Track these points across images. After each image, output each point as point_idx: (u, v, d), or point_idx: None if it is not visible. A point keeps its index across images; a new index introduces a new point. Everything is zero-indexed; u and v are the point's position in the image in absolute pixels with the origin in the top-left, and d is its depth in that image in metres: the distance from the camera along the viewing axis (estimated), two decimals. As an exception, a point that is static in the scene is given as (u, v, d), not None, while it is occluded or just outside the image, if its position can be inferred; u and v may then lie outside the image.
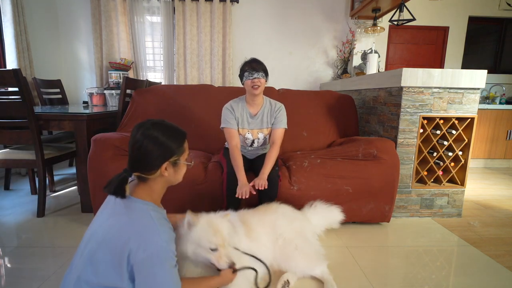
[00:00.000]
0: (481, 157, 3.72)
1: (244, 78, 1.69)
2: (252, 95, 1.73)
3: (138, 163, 0.98)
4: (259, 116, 1.80)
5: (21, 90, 1.81)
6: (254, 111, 1.80)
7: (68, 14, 3.65)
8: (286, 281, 1.30)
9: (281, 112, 1.81)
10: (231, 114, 1.77)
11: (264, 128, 1.82)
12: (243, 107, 1.79)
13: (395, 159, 1.86)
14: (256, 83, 1.67)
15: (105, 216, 0.97)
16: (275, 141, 1.76)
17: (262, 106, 1.81)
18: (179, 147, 1.03)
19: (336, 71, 3.97)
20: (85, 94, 3.69)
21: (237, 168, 1.65)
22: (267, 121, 1.81)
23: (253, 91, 1.69)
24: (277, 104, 1.83)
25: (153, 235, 0.89)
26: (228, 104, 1.81)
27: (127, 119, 2.30)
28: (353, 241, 1.78)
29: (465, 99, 2.03)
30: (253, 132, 1.81)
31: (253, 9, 3.80)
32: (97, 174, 1.75)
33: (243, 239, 1.30)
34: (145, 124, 1.00)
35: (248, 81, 1.68)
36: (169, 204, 1.78)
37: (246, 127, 1.81)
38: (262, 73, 1.68)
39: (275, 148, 1.73)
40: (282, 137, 1.79)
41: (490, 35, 4.23)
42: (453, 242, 1.80)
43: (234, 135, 1.75)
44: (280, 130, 1.78)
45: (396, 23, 3.08)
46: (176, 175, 1.08)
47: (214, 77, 3.74)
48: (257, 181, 1.58)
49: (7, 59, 2.91)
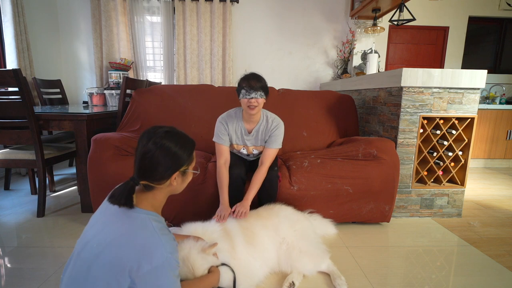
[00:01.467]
0: (481, 157, 3.72)
1: (240, 95, 1.55)
2: (248, 114, 1.60)
3: (148, 172, 0.95)
4: (254, 134, 1.69)
5: (21, 90, 1.81)
6: (249, 127, 1.68)
7: (68, 14, 3.66)
8: (291, 283, 1.31)
9: (276, 132, 1.66)
10: (225, 130, 1.66)
11: (259, 145, 1.73)
12: (239, 122, 1.67)
13: (395, 159, 1.86)
14: (253, 104, 1.52)
15: (101, 226, 0.92)
16: (264, 161, 1.63)
17: (258, 123, 1.67)
18: (189, 156, 1.02)
19: (336, 71, 3.97)
20: (85, 94, 3.69)
21: (221, 188, 1.57)
22: (261, 139, 1.70)
23: (250, 111, 1.55)
24: (274, 122, 1.68)
25: (157, 248, 0.86)
26: (223, 117, 1.68)
27: (127, 119, 2.30)
28: (353, 241, 1.78)
29: (465, 99, 2.03)
30: (247, 148, 1.74)
31: (253, 9, 3.80)
32: (97, 174, 1.74)
33: (240, 248, 1.30)
34: (157, 132, 0.96)
35: (245, 100, 1.53)
36: (169, 204, 1.78)
37: (240, 143, 1.72)
38: (261, 92, 1.52)
39: (263, 170, 1.61)
40: (273, 157, 1.66)
41: (490, 35, 4.23)
42: (453, 242, 1.80)
43: (223, 152, 1.65)
44: (272, 151, 1.65)
45: (396, 23, 3.08)
46: (183, 183, 1.07)
47: (214, 77, 3.74)
48: (238, 208, 1.49)
49: (7, 59, 2.91)
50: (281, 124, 1.69)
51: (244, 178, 1.71)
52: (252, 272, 1.30)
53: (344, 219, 1.90)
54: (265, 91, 1.56)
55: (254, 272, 1.31)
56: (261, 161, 1.65)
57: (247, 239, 1.38)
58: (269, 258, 1.39)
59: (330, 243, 1.73)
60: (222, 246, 1.24)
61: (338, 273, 1.38)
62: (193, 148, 1.05)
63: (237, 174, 1.66)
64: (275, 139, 1.66)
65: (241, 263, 1.26)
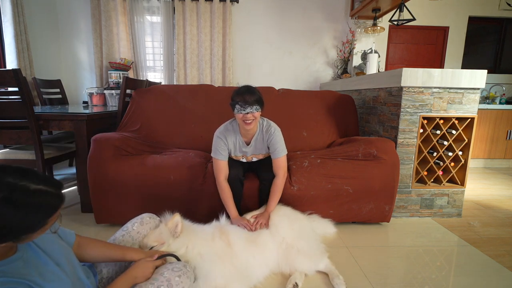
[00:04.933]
0: (481, 157, 3.72)
1: (235, 110, 1.50)
2: (245, 129, 1.58)
3: None
4: (252, 144, 1.68)
5: (21, 90, 1.81)
6: (247, 139, 1.68)
7: (68, 14, 3.65)
8: (294, 284, 1.31)
9: (273, 140, 1.62)
10: (224, 145, 1.62)
11: (258, 154, 1.73)
12: (236, 136, 1.65)
13: (395, 159, 1.86)
14: (249, 118, 1.49)
15: None
16: (278, 173, 1.63)
17: (255, 134, 1.65)
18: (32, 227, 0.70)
19: (336, 71, 3.97)
20: (85, 94, 3.69)
21: (226, 202, 1.56)
22: (260, 148, 1.69)
23: (246, 127, 1.53)
24: (269, 129, 1.64)
25: None
26: (221, 132, 1.64)
27: (127, 119, 2.30)
28: (353, 241, 1.78)
29: (465, 99, 2.03)
30: (247, 157, 1.75)
31: (253, 9, 3.80)
32: (97, 174, 1.75)
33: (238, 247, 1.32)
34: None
35: (240, 115, 1.49)
36: (170, 204, 1.79)
37: (239, 154, 1.72)
38: (256, 106, 1.48)
39: (281, 180, 1.62)
40: (285, 165, 1.65)
41: (490, 35, 4.23)
42: (453, 242, 1.80)
43: (222, 168, 1.61)
44: (281, 159, 1.63)
45: (396, 23, 3.08)
46: None
47: (214, 77, 3.74)
48: (259, 219, 1.48)
49: (7, 59, 2.91)
50: (276, 131, 1.65)
51: (242, 178, 1.71)
52: (250, 271, 1.29)
53: (344, 219, 1.90)
54: (260, 104, 1.51)
55: (252, 271, 1.30)
56: (276, 173, 1.65)
57: (248, 237, 1.39)
58: (270, 258, 1.39)
59: (330, 243, 1.73)
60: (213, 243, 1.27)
61: (337, 273, 1.38)
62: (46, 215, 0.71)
63: (234, 175, 1.66)
64: (275, 147, 1.63)
65: (238, 261, 1.27)
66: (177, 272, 0.99)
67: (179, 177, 1.76)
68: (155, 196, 1.77)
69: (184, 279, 0.99)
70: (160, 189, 1.76)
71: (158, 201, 1.78)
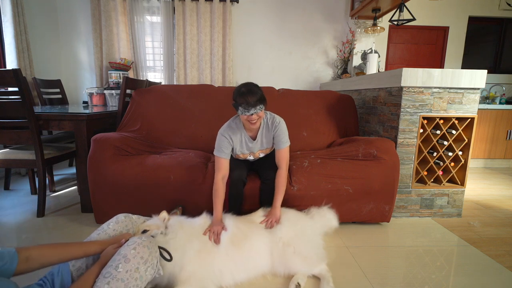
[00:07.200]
0: (481, 157, 3.72)
1: (239, 111, 1.50)
2: (250, 128, 1.60)
3: None
4: (259, 139, 1.68)
5: (21, 90, 1.81)
6: (253, 134, 1.67)
7: (68, 14, 3.66)
8: (297, 284, 1.30)
9: (279, 131, 1.64)
10: (229, 143, 1.61)
11: (265, 148, 1.72)
12: (242, 133, 1.65)
13: (395, 159, 1.86)
14: (254, 119, 1.50)
15: None
16: (280, 165, 1.63)
17: (260, 128, 1.66)
18: None
19: (336, 71, 3.97)
20: (85, 94, 3.69)
21: (215, 202, 1.54)
22: (267, 141, 1.69)
23: (251, 126, 1.54)
24: (274, 121, 1.65)
25: None
26: (225, 131, 1.63)
27: (127, 119, 2.30)
28: (353, 241, 1.78)
29: (465, 99, 2.03)
30: (254, 154, 1.74)
31: (253, 9, 3.80)
32: (97, 174, 1.74)
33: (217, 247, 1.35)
34: None
35: (244, 116, 1.51)
36: (170, 204, 1.79)
37: (246, 152, 1.71)
38: (260, 106, 1.48)
39: (283, 171, 1.61)
40: (287, 156, 1.65)
41: (490, 35, 4.23)
42: (453, 242, 1.80)
43: (223, 166, 1.59)
44: (284, 151, 1.64)
45: (396, 23, 3.08)
46: None
47: (214, 77, 3.74)
48: (269, 218, 1.49)
49: (7, 59, 2.91)
50: (281, 122, 1.66)
51: (244, 180, 1.71)
52: (218, 274, 1.29)
53: (344, 219, 1.90)
54: (263, 102, 1.52)
55: (221, 274, 1.30)
56: (278, 165, 1.65)
57: (233, 239, 1.38)
58: (256, 264, 1.37)
59: (330, 243, 1.73)
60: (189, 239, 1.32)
61: (329, 279, 1.33)
62: None
63: (238, 176, 1.66)
64: (280, 138, 1.64)
65: (206, 261, 1.29)
66: (131, 245, 1.01)
67: (179, 177, 1.76)
68: (155, 196, 1.77)
69: (141, 248, 1.00)
70: (160, 189, 1.76)
71: (158, 201, 1.78)
